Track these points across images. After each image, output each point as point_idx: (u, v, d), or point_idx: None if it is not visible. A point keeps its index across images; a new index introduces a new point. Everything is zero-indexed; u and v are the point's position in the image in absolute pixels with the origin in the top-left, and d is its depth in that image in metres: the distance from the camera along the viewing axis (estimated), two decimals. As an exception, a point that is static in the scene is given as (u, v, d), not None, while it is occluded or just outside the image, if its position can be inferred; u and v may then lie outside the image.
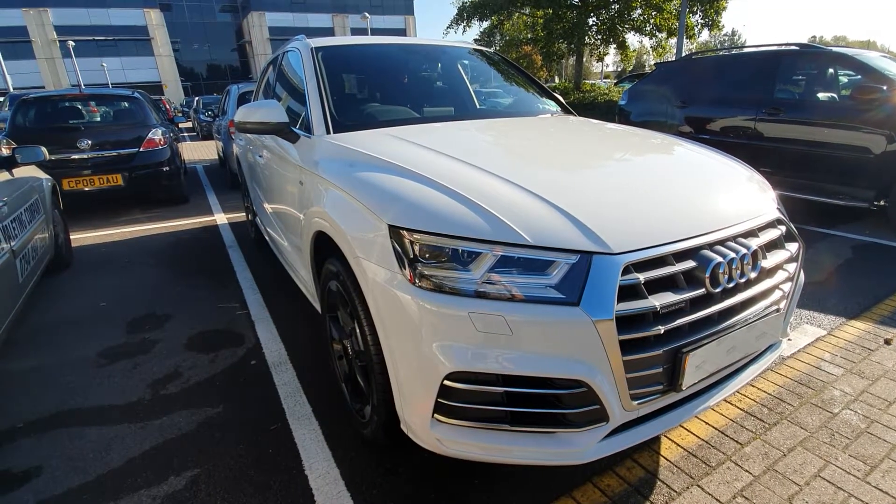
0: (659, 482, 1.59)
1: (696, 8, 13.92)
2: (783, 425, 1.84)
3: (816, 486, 1.55)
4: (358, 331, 1.53)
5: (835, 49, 4.75)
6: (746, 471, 1.63)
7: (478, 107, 2.64)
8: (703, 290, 1.26)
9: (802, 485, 1.56)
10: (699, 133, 5.42)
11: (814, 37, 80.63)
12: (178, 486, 1.62)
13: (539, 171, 1.54)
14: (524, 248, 1.19)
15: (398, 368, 1.29)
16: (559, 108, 2.71)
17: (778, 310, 1.46)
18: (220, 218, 5.30)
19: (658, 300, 1.19)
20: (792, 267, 1.54)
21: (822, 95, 4.66)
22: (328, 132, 2.02)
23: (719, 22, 13.80)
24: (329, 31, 51.68)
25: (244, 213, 4.97)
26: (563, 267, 1.17)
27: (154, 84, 39.12)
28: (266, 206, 3.04)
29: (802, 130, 4.55)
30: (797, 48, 4.91)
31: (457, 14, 16.74)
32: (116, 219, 5.41)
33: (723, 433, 1.81)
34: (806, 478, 1.59)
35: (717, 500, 1.52)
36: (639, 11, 14.59)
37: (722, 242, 1.33)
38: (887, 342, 2.38)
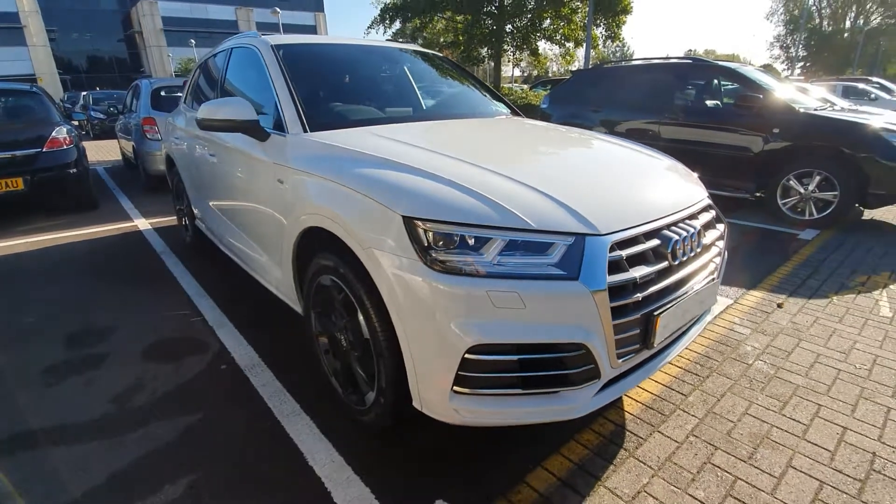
0: (627, 432, 1.86)
1: (599, 21, 15.34)
2: (714, 377, 2.21)
3: (746, 421, 1.91)
4: (363, 320, 1.60)
5: (720, 63, 5.57)
6: (692, 415, 1.95)
7: (439, 108, 2.77)
8: (667, 263, 1.52)
9: (735, 421, 1.92)
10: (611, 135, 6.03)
11: (690, 50, 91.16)
12: (175, 493, 1.57)
13: (522, 166, 1.73)
14: (528, 233, 1.36)
15: (415, 349, 1.40)
16: (509, 111, 2.94)
17: (713, 280, 1.78)
18: (142, 223, 4.89)
19: (636, 272, 1.42)
20: (721, 244, 1.88)
21: (711, 102, 5.43)
22: (304, 130, 2.04)
23: (620, 34, 15.37)
24: (231, 25, 48.42)
25: (174, 218, 4.64)
26: (560, 248, 1.36)
27: (27, 77, 33.89)
28: (218, 207, 2.92)
29: (697, 133, 5.28)
30: (691, 61, 5.68)
31: (379, 15, 16.71)
32: (18, 228, 4.76)
33: (669, 388, 2.13)
34: (737, 415, 1.95)
35: (674, 440, 1.81)
36: (548, 21, 15.71)
37: (676, 224, 1.61)
38: (779, 306, 2.92)
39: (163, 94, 6.22)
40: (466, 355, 1.32)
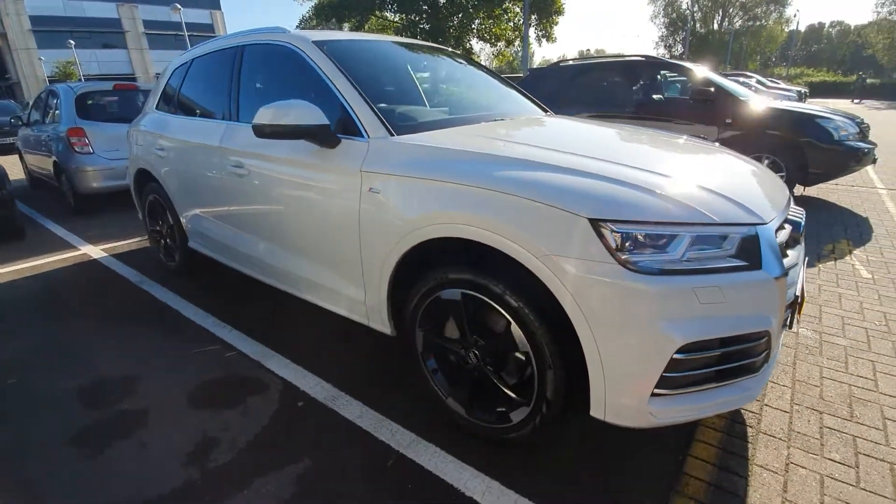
0: (740, 409, 1.94)
1: (532, 21, 15.95)
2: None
3: (827, 385, 2.09)
4: (520, 333, 1.51)
5: (669, 60, 6.05)
6: (782, 385, 2.09)
7: (496, 107, 2.65)
8: (801, 246, 1.61)
9: (819, 385, 2.08)
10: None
11: (586, 50, 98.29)
12: (335, 556, 1.37)
13: (653, 162, 1.70)
14: (711, 227, 1.36)
15: (610, 355, 1.34)
16: (544, 111, 2.93)
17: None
18: (93, 251, 4.20)
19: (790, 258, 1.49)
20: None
21: (666, 96, 5.89)
22: (391, 133, 1.87)
23: (553, 34, 16.14)
24: (114, 23, 43.43)
25: (135, 241, 4.07)
26: (736, 239, 1.38)
27: None
28: (245, 226, 2.57)
29: (656, 126, 5.69)
30: (643, 58, 6.10)
31: (313, 12, 15.87)
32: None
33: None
34: (817, 380, 2.12)
35: (783, 410, 1.93)
36: (478, 21, 16.03)
37: (792, 212, 1.71)
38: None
39: (89, 101, 5.39)
40: (675, 356, 1.29)
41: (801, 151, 4.91)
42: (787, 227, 1.58)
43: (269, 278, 2.54)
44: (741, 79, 16.28)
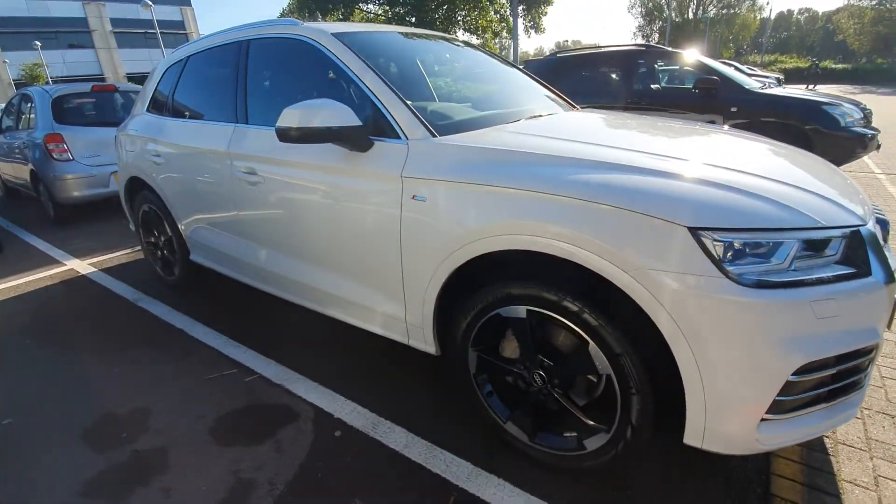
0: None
1: (520, 12, 15.76)
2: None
3: (890, 385, 2.00)
4: (600, 353, 1.35)
5: (669, 49, 5.96)
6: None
7: (527, 103, 2.45)
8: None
9: (882, 386, 1.99)
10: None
11: (566, 40, 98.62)
12: None
13: (731, 160, 1.54)
14: (817, 230, 1.22)
15: (714, 377, 1.19)
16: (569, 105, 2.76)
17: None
18: (80, 266, 3.91)
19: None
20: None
21: (667, 85, 5.80)
22: (433, 135, 1.69)
23: (542, 25, 15.94)
24: (81, 23, 41.75)
25: (128, 253, 3.80)
26: (839, 242, 1.25)
27: None
28: (261, 238, 2.35)
29: (654, 114, 5.60)
30: (643, 47, 6.00)
31: (296, 5, 15.35)
32: None
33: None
34: (879, 380, 2.03)
35: (855, 417, 1.82)
36: (464, 13, 15.77)
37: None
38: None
39: (66, 105, 5.04)
40: (791, 377, 1.16)
41: (808, 139, 4.86)
42: (879, 227, 1.46)
43: (287, 293, 2.34)
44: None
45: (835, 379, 1.24)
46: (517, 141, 1.62)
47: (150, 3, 20.60)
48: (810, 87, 24.28)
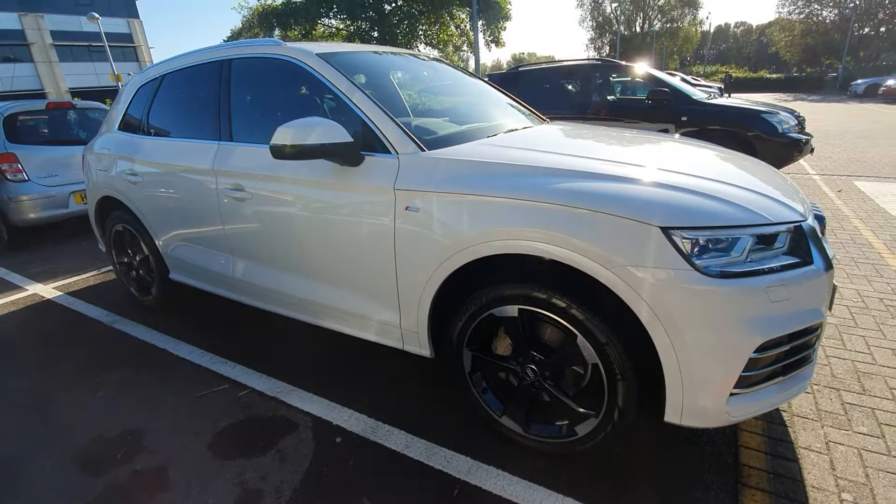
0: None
1: (480, 27, 16.18)
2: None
3: (834, 363, 2.25)
4: (587, 345, 1.49)
5: (623, 63, 6.34)
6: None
7: (504, 118, 2.58)
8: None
9: (826, 364, 2.24)
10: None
11: (522, 53, 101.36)
12: None
13: (691, 166, 1.73)
14: (767, 227, 1.41)
15: (690, 360, 1.35)
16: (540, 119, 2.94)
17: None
18: (44, 290, 3.75)
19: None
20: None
21: (622, 97, 6.17)
22: (422, 149, 1.80)
23: (501, 40, 16.44)
24: (18, 35, 39.47)
25: (93, 274, 3.69)
26: (785, 237, 1.45)
27: None
28: (248, 253, 2.39)
29: (617, 125, 5.95)
30: (599, 61, 6.36)
31: (258, 20, 15.11)
32: None
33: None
34: (824, 359, 2.28)
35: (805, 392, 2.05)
36: (425, 27, 16.05)
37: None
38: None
39: (19, 122, 4.84)
40: (753, 355, 1.33)
41: (751, 144, 5.30)
42: (817, 222, 1.68)
43: (280, 308, 2.37)
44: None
45: (788, 355, 1.43)
46: (502, 154, 1.76)
47: (97, 15, 19.80)
48: (725, 95, 26.06)
